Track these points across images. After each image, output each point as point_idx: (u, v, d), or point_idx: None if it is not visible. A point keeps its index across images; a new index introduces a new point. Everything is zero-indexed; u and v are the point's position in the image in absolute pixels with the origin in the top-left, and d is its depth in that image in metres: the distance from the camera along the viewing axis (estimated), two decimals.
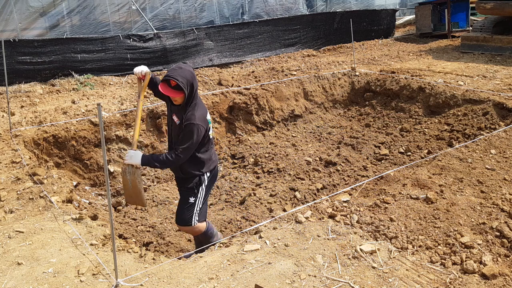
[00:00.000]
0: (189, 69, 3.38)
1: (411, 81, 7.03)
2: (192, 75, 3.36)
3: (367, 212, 3.42)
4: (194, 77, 3.37)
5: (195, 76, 3.40)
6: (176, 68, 3.37)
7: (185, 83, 3.27)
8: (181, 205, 3.59)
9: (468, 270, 2.70)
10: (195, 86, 3.37)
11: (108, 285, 2.67)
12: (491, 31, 9.35)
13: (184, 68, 3.37)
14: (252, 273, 2.72)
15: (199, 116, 3.34)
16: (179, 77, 3.26)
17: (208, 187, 3.64)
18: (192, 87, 3.34)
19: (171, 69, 3.38)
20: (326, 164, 5.82)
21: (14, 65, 7.34)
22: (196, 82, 3.39)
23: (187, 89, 3.29)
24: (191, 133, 3.30)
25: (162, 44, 8.72)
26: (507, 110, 5.63)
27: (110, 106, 6.29)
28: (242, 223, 4.72)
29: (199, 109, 3.40)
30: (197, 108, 3.39)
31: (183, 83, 3.25)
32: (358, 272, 2.70)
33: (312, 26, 10.83)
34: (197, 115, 3.34)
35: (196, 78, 3.42)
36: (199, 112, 3.37)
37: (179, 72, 3.30)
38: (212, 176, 3.66)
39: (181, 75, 3.28)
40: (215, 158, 3.68)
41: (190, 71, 3.37)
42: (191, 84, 3.32)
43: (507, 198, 3.51)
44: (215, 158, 3.68)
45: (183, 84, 3.25)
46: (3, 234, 3.25)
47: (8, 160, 4.50)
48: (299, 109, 7.25)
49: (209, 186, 3.65)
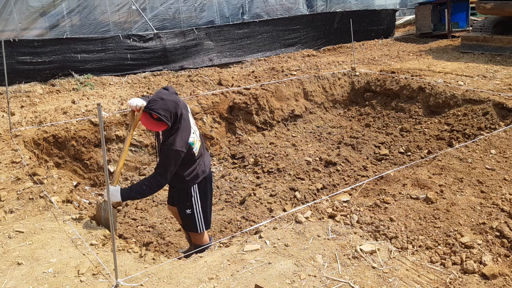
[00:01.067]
0: (171, 99, 3.17)
1: (411, 81, 7.03)
2: (175, 104, 3.16)
3: (367, 212, 3.42)
4: (177, 106, 3.18)
5: (179, 103, 3.21)
6: (157, 99, 3.15)
7: (168, 116, 3.11)
8: (182, 217, 3.63)
9: (468, 270, 2.70)
10: (179, 113, 3.19)
11: (108, 285, 2.67)
12: (491, 31, 9.35)
13: (166, 99, 3.15)
14: (252, 273, 2.72)
15: (179, 141, 3.21)
16: (161, 111, 3.09)
17: (203, 195, 3.59)
18: (176, 117, 3.18)
19: (152, 99, 3.17)
20: (326, 164, 5.82)
21: (14, 65, 7.34)
22: (180, 109, 3.21)
23: (171, 120, 3.14)
24: (170, 158, 3.21)
25: (162, 44, 8.72)
26: (507, 110, 5.63)
27: (110, 106, 6.29)
28: (242, 223, 4.72)
29: (182, 132, 3.26)
30: (180, 132, 3.25)
31: (166, 116, 3.10)
32: (358, 272, 2.70)
33: (312, 26, 10.83)
34: (178, 140, 3.20)
35: (180, 104, 3.23)
36: (181, 136, 3.24)
37: (161, 105, 3.11)
38: (203, 186, 3.59)
39: (163, 108, 3.10)
40: (203, 168, 3.55)
41: (173, 101, 3.17)
42: (175, 114, 3.16)
43: (507, 198, 3.51)
44: (203, 169, 3.55)
45: (166, 118, 3.10)
46: (3, 234, 3.25)
47: (8, 160, 4.50)
48: (299, 109, 7.25)
49: (203, 194, 3.59)
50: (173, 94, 3.28)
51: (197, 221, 3.59)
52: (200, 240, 3.72)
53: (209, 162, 3.71)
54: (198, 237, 3.72)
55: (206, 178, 3.61)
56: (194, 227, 3.62)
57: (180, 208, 3.62)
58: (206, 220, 3.65)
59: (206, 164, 3.62)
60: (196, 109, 6.41)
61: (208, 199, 3.68)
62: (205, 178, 3.59)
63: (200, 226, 3.61)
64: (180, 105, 3.23)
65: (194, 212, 3.56)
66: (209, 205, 3.72)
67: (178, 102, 3.22)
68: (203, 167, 3.55)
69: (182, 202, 3.57)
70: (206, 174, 3.58)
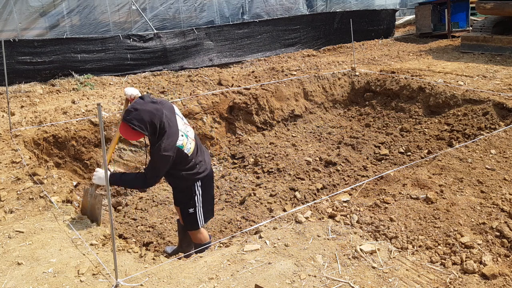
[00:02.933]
0: (145, 108, 3.12)
1: (411, 81, 7.03)
2: (150, 114, 3.12)
3: (367, 212, 3.42)
4: (153, 115, 3.13)
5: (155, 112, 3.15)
6: (131, 109, 3.14)
7: (143, 126, 3.10)
8: (184, 216, 3.68)
9: (468, 270, 2.70)
10: (156, 122, 3.15)
11: (108, 285, 2.67)
12: (491, 31, 9.35)
13: (140, 109, 3.12)
14: (252, 273, 2.72)
15: (166, 146, 3.19)
16: (135, 121, 3.08)
17: (204, 193, 3.64)
18: (153, 126, 3.15)
19: (128, 110, 3.17)
20: (326, 164, 5.82)
21: (14, 65, 7.34)
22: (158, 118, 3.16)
23: (148, 130, 3.13)
24: (157, 162, 3.25)
25: (162, 44, 8.72)
26: (507, 110, 5.63)
27: (110, 106, 6.29)
28: (242, 223, 4.72)
29: (169, 138, 3.23)
30: (166, 137, 3.22)
31: (140, 126, 3.09)
32: (358, 272, 2.70)
33: (312, 26, 10.83)
34: (164, 145, 3.19)
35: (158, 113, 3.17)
36: (167, 141, 3.22)
37: (134, 115, 3.09)
38: (205, 183, 3.62)
39: (137, 118, 3.09)
40: (204, 167, 3.58)
41: (147, 111, 3.12)
42: (151, 123, 3.12)
43: (507, 198, 3.51)
44: (204, 167, 3.58)
45: (140, 128, 3.09)
46: (3, 234, 3.25)
47: (8, 160, 4.50)
48: (299, 109, 7.25)
49: (204, 192, 3.64)
50: (149, 103, 3.20)
51: (198, 219, 3.65)
52: (200, 239, 3.74)
53: (209, 159, 3.74)
54: (197, 235, 3.74)
55: (207, 175, 3.65)
56: (195, 225, 3.67)
57: (183, 207, 3.65)
58: (206, 215, 3.73)
59: (207, 161, 3.66)
60: (196, 109, 6.41)
61: (209, 196, 3.74)
62: (206, 176, 3.63)
63: (200, 222, 3.68)
64: (158, 114, 3.16)
65: (196, 211, 3.62)
66: (209, 202, 3.78)
67: (154, 111, 3.16)
68: (203, 165, 3.58)
69: (185, 202, 3.60)
70: (207, 172, 3.62)
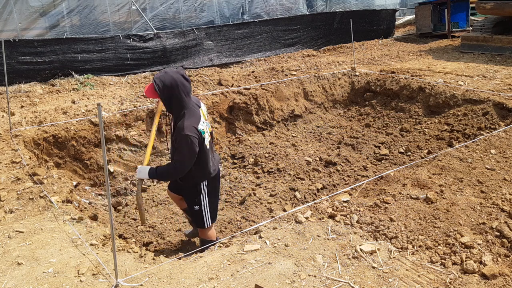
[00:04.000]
0: (172, 75, 3.26)
1: (411, 81, 7.03)
2: (172, 80, 3.24)
3: (367, 212, 3.42)
4: (175, 84, 3.24)
5: (179, 83, 3.26)
6: (162, 71, 3.33)
7: (161, 87, 3.22)
8: (191, 212, 3.74)
9: (468, 270, 2.70)
10: (175, 92, 3.25)
11: (108, 285, 2.67)
12: (491, 31, 9.35)
13: (168, 72, 3.30)
14: (252, 273, 2.72)
15: (188, 126, 3.26)
16: (158, 80, 3.24)
17: (211, 192, 3.68)
18: (169, 92, 3.24)
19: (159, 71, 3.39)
20: (326, 164, 5.82)
21: (14, 65, 7.34)
22: (178, 89, 3.25)
23: (163, 93, 3.24)
24: (182, 144, 3.27)
25: (162, 44, 8.72)
26: (507, 110, 5.63)
27: (110, 106, 6.29)
28: (242, 223, 4.72)
29: (189, 119, 3.31)
30: (187, 118, 3.30)
31: (158, 86, 3.22)
32: (358, 272, 2.70)
33: (312, 26, 10.83)
34: (186, 125, 3.26)
35: (180, 85, 3.27)
36: (189, 121, 3.29)
37: (160, 75, 3.27)
38: (212, 182, 3.66)
39: (160, 79, 3.25)
40: (212, 166, 3.61)
41: (172, 77, 3.25)
42: (169, 88, 3.23)
43: (507, 198, 3.51)
44: (213, 167, 3.62)
45: (158, 87, 3.22)
46: (3, 234, 3.25)
47: (8, 160, 4.50)
48: (299, 109, 7.25)
49: (211, 191, 3.68)
50: (178, 73, 3.32)
51: (204, 216, 3.70)
52: (206, 235, 3.81)
53: (218, 160, 3.81)
54: (204, 232, 3.81)
55: (216, 175, 3.70)
56: (201, 222, 3.73)
57: (189, 203, 3.72)
58: (213, 215, 3.77)
59: (216, 161, 3.72)
60: None
61: (216, 195, 3.79)
62: (215, 176, 3.68)
63: (207, 221, 3.72)
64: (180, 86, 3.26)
65: (202, 209, 3.66)
66: (216, 201, 3.84)
67: (178, 81, 3.26)
68: (213, 165, 3.63)
69: (191, 198, 3.67)
70: (216, 172, 3.68)
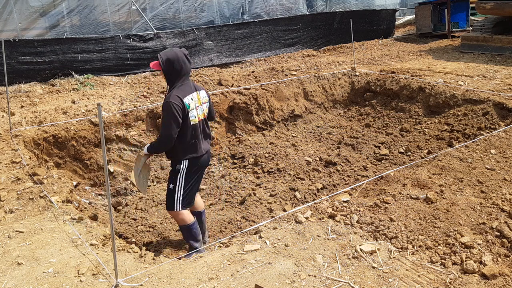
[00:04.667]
0: (175, 52, 3.57)
1: (411, 81, 7.03)
2: (175, 55, 3.53)
3: (367, 212, 3.42)
4: (177, 59, 3.53)
5: (180, 59, 3.55)
6: (168, 48, 3.67)
7: (164, 59, 3.51)
8: (167, 190, 3.82)
9: (468, 270, 2.70)
10: (176, 66, 3.53)
11: (108, 285, 2.67)
12: (491, 31, 9.35)
13: (173, 49, 3.62)
14: (252, 273, 2.72)
15: (173, 96, 3.48)
16: (162, 54, 3.55)
17: (188, 177, 3.71)
18: (171, 65, 3.52)
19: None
20: (326, 164, 5.81)
21: (14, 65, 7.34)
22: (179, 64, 3.53)
23: (164, 65, 3.52)
24: (165, 111, 3.47)
25: (162, 44, 8.72)
26: (507, 110, 5.63)
27: (110, 106, 6.29)
28: (242, 223, 4.72)
29: (178, 90, 3.54)
30: (176, 89, 3.54)
31: (162, 58, 3.52)
32: (358, 272, 2.70)
33: (312, 26, 10.83)
34: (172, 95, 3.49)
35: (181, 61, 3.55)
36: (176, 92, 3.52)
37: (166, 51, 3.59)
38: (192, 167, 3.70)
39: (165, 53, 3.56)
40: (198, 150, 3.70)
41: (175, 53, 3.55)
42: (170, 62, 3.51)
43: (507, 198, 3.51)
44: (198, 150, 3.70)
45: (161, 59, 3.52)
46: (3, 234, 3.25)
47: (8, 160, 4.50)
48: (299, 109, 7.25)
49: (189, 176, 3.71)
50: (182, 52, 3.60)
51: (176, 198, 3.71)
52: (181, 221, 3.80)
53: (207, 149, 3.83)
54: (176, 216, 3.81)
55: (198, 160, 3.73)
56: (171, 204, 3.75)
57: (168, 180, 3.80)
58: (184, 201, 3.75)
59: (203, 148, 3.76)
60: None
61: (193, 181, 3.78)
62: (197, 159, 3.71)
63: (177, 204, 3.72)
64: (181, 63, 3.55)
65: (176, 189, 3.70)
66: (193, 188, 3.82)
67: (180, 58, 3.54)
68: (198, 148, 3.70)
69: (170, 176, 3.77)
70: (198, 155, 3.71)
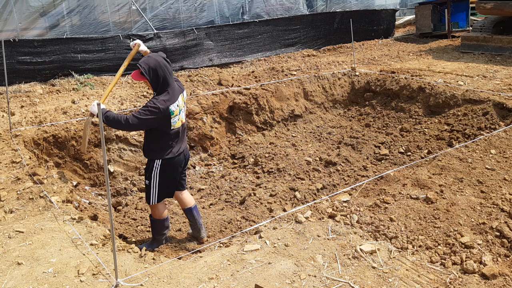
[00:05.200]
0: (155, 58, 3.61)
1: (411, 81, 7.03)
2: (156, 62, 3.58)
3: (367, 212, 3.42)
4: (159, 65, 3.58)
5: (162, 64, 3.60)
6: (145, 56, 3.69)
7: (146, 69, 3.54)
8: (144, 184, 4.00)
9: (468, 270, 2.70)
10: (160, 73, 3.58)
11: (108, 285, 2.67)
12: (491, 31, 9.35)
13: (151, 56, 3.66)
14: (252, 273, 2.72)
15: (161, 100, 3.56)
16: (143, 63, 3.56)
17: (163, 174, 3.84)
18: (155, 74, 3.56)
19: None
20: (326, 164, 5.81)
21: (14, 65, 7.34)
22: (162, 70, 3.58)
23: (149, 75, 3.56)
24: (147, 107, 3.53)
25: (162, 44, 8.72)
26: (507, 110, 5.63)
27: (110, 106, 6.29)
28: (242, 223, 4.72)
29: (167, 96, 3.61)
30: (165, 94, 3.61)
31: (144, 68, 3.54)
32: (358, 272, 2.70)
33: (312, 26, 10.83)
34: (160, 98, 3.57)
35: (163, 66, 3.60)
36: (165, 97, 3.60)
37: (145, 59, 3.62)
38: (166, 166, 3.83)
39: (145, 62, 3.58)
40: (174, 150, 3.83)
41: (155, 59, 3.60)
42: (154, 70, 3.56)
43: (507, 198, 3.51)
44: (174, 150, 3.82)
45: (144, 70, 3.53)
46: (3, 234, 3.25)
47: (8, 160, 4.50)
48: (299, 109, 7.25)
49: (163, 174, 3.84)
50: (160, 57, 3.67)
51: (152, 193, 3.89)
52: (154, 213, 4.03)
53: (185, 149, 4.00)
54: (153, 210, 4.03)
55: (173, 160, 3.86)
56: (148, 199, 3.96)
57: (145, 176, 3.97)
58: (160, 195, 3.93)
59: (181, 149, 3.91)
60: (196, 109, 6.41)
61: (169, 178, 3.92)
62: (171, 159, 3.84)
63: (153, 198, 3.91)
64: (163, 68, 3.60)
65: (151, 185, 3.85)
66: (170, 185, 3.98)
67: (162, 63, 3.60)
68: (174, 149, 3.83)
69: (145, 172, 3.92)
70: (173, 156, 3.84)
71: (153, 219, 4.08)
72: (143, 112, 3.53)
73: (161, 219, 4.04)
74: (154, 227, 4.12)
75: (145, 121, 3.56)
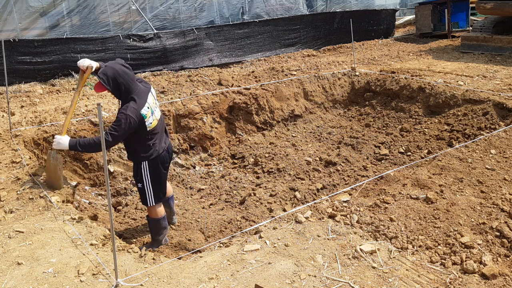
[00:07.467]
0: (113, 66, 3.58)
1: (411, 81, 7.03)
2: (114, 71, 3.55)
3: (367, 212, 3.42)
4: (117, 73, 3.55)
5: (120, 72, 3.57)
6: (103, 66, 3.67)
7: (105, 80, 3.51)
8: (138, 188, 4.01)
9: (468, 270, 2.70)
10: (120, 81, 3.55)
11: (108, 285, 2.67)
12: (491, 31, 9.35)
13: (108, 65, 3.63)
14: (252, 273, 2.72)
15: (131, 108, 3.54)
16: (101, 74, 3.54)
17: (153, 174, 3.87)
18: (116, 82, 3.54)
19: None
20: (326, 164, 5.81)
21: (14, 65, 7.34)
22: (121, 78, 3.55)
23: (109, 84, 3.53)
24: (120, 121, 3.51)
25: (162, 44, 8.72)
26: (507, 110, 5.63)
27: (110, 106, 6.29)
28: (242, 223, 4.72)
29: (136, 103, 3.59)
30: (133, 102, 3.59)
31: (103, 79, 3.51)
32: (358, 272, 2.70)
33: (312, 26, 10.83)
34: (129, 107, 3.55)
35: (122, 73, 3.57)
36: (133, 105, 3.58)
37: (102, 70, 3.58)
38: (154, 164, 3.85)
39: (103, 72, 3.54)
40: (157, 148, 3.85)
41: (113, 68, 3.56)
42: (114, 79, 3.53)
43: (507, 198, 3.51)
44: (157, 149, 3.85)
45: (103, 80, 3.51)
46: (3, 234, 3.25)
47: (8, 160, 4.50)
48: (299, 109, 7.25)
49: (153, 173, 3.87)
50: (118, 64, 3.64)
51: (147, 195, 3.92)
52: (153, 213, 4.04)
53: (167, 144, 4.03)
54: (150, 210, 4.04)
55: (159, 157, 3.88)
56: (145, 201, 3.97)
57: (135, 181, 3.99)
58: (157, 195, 3.97)
59: (163, 145, 3.93)
60: (196, 109, 6.41)
61: (160, 176, 3.96)
62: (156, 158, 3.86)
63: (150, 200, 3.93)
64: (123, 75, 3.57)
65: (145, 187, 3.88)
66: (161, 182, 4.01)
67: (120, 71, 3.57)
68: (157, 147, 3.85)
69: (135, 176, 3.94)
70: (158, 153, 3.87)
71: (150, 218, 4.10)
72: (116, 128, 3.52)
73: (158, 218, 4.06)
74: (152, 228, 4.14)
75: (121, 135, 3.56)
